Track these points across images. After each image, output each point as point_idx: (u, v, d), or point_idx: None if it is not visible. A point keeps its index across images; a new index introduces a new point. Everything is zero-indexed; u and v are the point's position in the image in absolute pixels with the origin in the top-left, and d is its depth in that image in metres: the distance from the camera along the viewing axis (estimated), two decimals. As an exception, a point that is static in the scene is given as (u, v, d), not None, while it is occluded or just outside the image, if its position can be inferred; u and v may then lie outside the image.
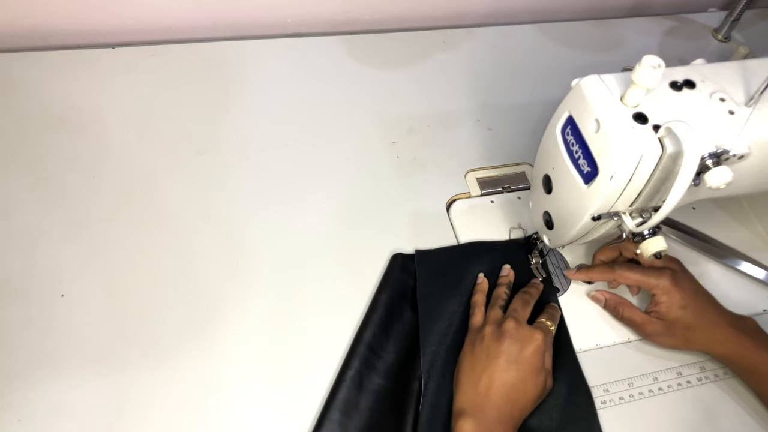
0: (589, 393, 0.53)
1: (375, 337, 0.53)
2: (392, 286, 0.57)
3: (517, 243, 0.63)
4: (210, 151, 0.67)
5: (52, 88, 0.70)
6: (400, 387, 0.52)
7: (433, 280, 0.58)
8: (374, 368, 0.52)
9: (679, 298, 0.53)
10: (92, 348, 0.52)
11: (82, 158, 0.64)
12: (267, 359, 0.53)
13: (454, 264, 0.59)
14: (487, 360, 0.49)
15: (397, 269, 0.58)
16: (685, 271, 0.56)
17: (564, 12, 0.94)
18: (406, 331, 0.55)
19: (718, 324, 0.53)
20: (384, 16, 0.87)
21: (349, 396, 0.50)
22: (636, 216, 0.47)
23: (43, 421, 0.48)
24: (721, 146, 0.43)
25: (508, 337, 0.49)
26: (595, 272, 0.58)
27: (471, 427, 0.45)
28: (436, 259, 0.60)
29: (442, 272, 0.58)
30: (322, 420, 0.49)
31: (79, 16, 0.75)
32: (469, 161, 0.70)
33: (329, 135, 0.71)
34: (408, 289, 0.57)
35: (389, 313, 0.55)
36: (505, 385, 0.47)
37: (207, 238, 0.60)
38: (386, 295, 0.56)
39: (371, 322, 0.54)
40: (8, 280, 0.54)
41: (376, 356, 0.52)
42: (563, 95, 0.48)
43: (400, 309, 0.56)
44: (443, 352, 0.53)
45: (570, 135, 0.46)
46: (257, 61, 0.77)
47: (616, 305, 0.57)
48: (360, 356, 0.52)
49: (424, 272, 0.58)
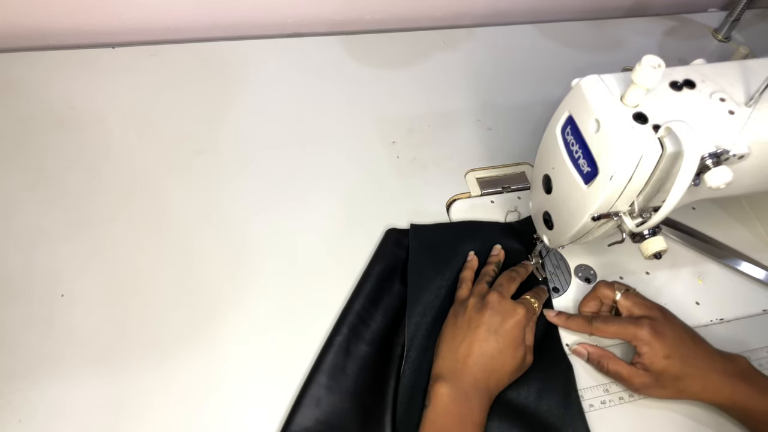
0: (570, 367, 0.54)
1: (364, 307, 0.55)
2: (385, 259, 0.59)
3: (511, 226, 0.64)
4: (210, 151, 0.67)
5: (52, 88, 0.70)
6: (385, 353, 0.54)
7: (425, 254, 0.59)
8: (361, 336, 0.53)
9: (662, 348, 0.50)
10: (92, 348, 0.52)
11: (82, 158, 0.64)
12: (267, 359, 0.53)
13: (447, 240, 0.61)
14: (468, 330, 0.50)
15: (391, 243, 0.60)
16: (667, 318, 0.53)
17: (564, 12, 0.94)
18: (394, 303, 0.56)
19: (708, 371, 0.50)
20: (384, 16, 0.87)
21: (336, 361, 0.52)
22: (636, 216, 0.47)
23: (43, 421, 0.48)
24: (721, 146, 0.43)
25: (489, 309, 0.50)
26: (574, 323, 0.55)
27: (447, 391, 0.47)
28: (429, 234, 0.61)
29: (435, 247, 0.60)
30: (309, 382, 0.50)
31: (79, 16, 0.75)
32: (469, 161, 0.70)
33: (329, 135, 0.71)
34: (400, 262, 0.59)
35: (380, 284, 0.57)
36: (483, 355, 0.49)
37: (207, 238, 0.60)
38: (379, 268, 0.58)
39: (362, 293, 0.56)
40: (8, 280, 0.55)
41: (364, 325, 0.54)
42: (563, 95, 0.48)
43: (391, 281, 0.58)
44: (428, 323, 0.55)
45: (570, 135, 0.46)
46: (257, 61, 0.77)
47: (599, 359, 0.54)
48: (349, 324, 0.54)
49: (416, 246, 0.60)
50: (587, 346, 0.55)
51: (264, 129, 0.70)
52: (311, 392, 0.50)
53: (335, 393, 0.50)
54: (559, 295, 0.60)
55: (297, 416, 0.49)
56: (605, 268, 0.62)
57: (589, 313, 0.56)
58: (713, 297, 0.61)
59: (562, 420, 0.51)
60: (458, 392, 0.47)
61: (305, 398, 0.50)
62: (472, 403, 0.47)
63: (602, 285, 0.56)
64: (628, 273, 0.62)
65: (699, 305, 0.61)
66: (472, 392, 0.47)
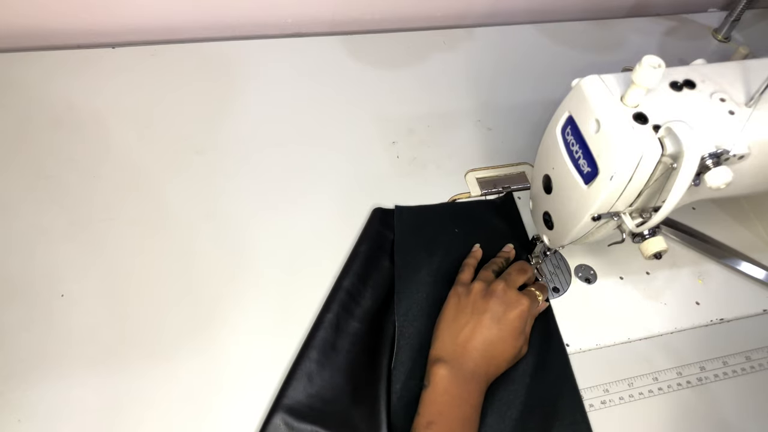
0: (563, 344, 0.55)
1: (353, 284, 0.56)
2: (371, 238, 0.60)
3: (492, 203, 0.66)
4: (210, 151, 0.67)
5: (52, 88, 0.70)
6: (375, 330, 0.55)
7: (412, 234, 0.61)
8: (351, 313, 0.55)
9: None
10: (92, 348, 0.52)
11: (82, 158, 0.64)
12: (267, 359, 0.53)
13: (432, 219, 0.63)
14: (472, 315, 0.50)
15: (377, 223, 0.61)
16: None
17: (564, 12, 0.94)
18: (383, 280, 0.58)
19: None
20: (384, 16, 0.87)
21: (326, 337, 0.53)
22: (636, 216, 0.47)
23: (43, 421, 0.48)
24: (721, 146, 0.43)
25: (495, 297, 0.51)
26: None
27: (446, 373, 0.47)
28: (414, 214, 0.63)
29: (420, 227, 0.61)
30: (300, 358, 0.51)
31: (79, 16, 0.75)
32: (469, 161, 0.70)
33: (329, 135, 0.71)
34: (386, 241, 0.60)
35: (368, 262, 0.58)
36: (484, 342, 0.49)
37: (207, 238, 0.60)
38: (366, 246, 0.59)
39: (351, 271, 0.57)
40: (8, 280, 0.54)
41: (354, 302, 0.55)
42: (563, 95, 0.48)
43: (378, 259, 0.59)
44: (422, 299, 0.56)
45: (570, 135, 0.46)
46: (257, 61, 0.77)
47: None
48: (339, 301, 0.55)
49: (401, 226, 0.61)
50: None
51: (264, 129, 0.70)
52: (303, 367, 0.51)
53: (326, 368, 0.51)
54: (559, 295, 0.60)
55: (289, 390, 0.50)
56: (605, 268, 0.62)
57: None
58: (713, 297, 0.61)
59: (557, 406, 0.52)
60: (458, 375, 0.48)
61: (297, 373, 0.51)
62: (470, 387, 0.48)
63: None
64: (628, 273, 0.62)
65: (699, 305, 0.61)
66: (471, 376, 0.48)
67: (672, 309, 0.60)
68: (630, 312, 0.59)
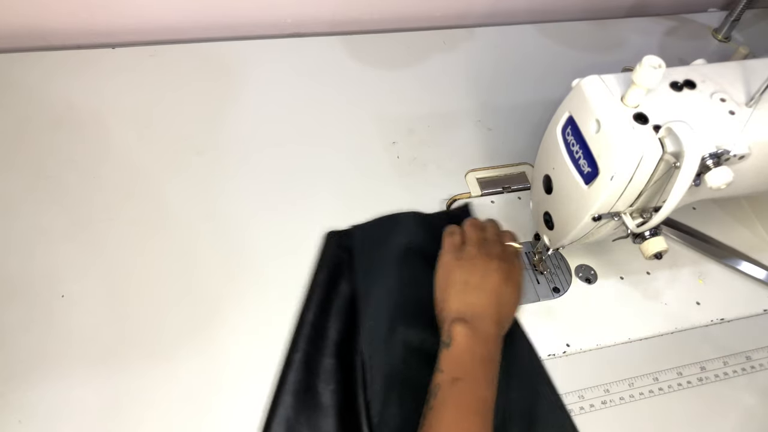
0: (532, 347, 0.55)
1: (316, 317, 0.54)
2: (328, 265, 0.58)
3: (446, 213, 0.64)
4: (210, 151, 0.67)
5: (52, 88, 0.70)
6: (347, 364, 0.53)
7: (368, 251, 0.59)
8: (320, 349, 0.53)
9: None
10: (92, 348, 0.52)
11: (82, 158, 0.64)
12: (267, 359, 0.53)
13: (387, 233, 0.60)
14: (483, 275, 0.51)
15: (333, 246, 0.60)
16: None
17: (564, 12, 0.94)
18: (346, 307, 0.56)
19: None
20: (384, 16, 0.87)
21: (299, 378, 0.51)
22: (636, 216, 0.47)
23: (43, 421, 0.48)
24: (721, 146, 0.43)
25: (498, 257, 0.53)
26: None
27: (466, 331, 0.48)
28: (369, 231, 0.61)
29: (376, 242, 0.60)
30: (275, 405, 0.49)
31: (79, 16, 0.75)
32: (469, 161, 0.70)
33: (329, 135, 0.71)
34: (344, 264, 0.59)
35: (329, 291, 0.56)
36: (498, 299, 0.51)
37: (207, 238, 0.60)
38: (324, 275, 0.57)
39: (312, 303, 0.55)
40: (8, 280, 0.54)
41: (320, 337, 0.53)
42: (563, 95, 0.48)
43: (337, 285, 0.57)
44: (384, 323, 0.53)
45: (570, 135, 0.46)
46: (257, 61, 0.77)
47: None
48: (305, 337, 0.53)
49: (359, 244, 0.59)
50: None
51: (264, 129, 0.70)
52: (279, 414, 0.49)
53: (302, 413, 0.49)
54: (559, 295, 0.60)
55: None
56: (605, 268, 0.62)
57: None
58: (713, 297, 0.61)
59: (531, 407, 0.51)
60: (476, 333, 0.48)
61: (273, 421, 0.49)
62: (489, 345, 0.48)
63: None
64: (628, 273, 0.62)
65: (699, 305, 0.61)
66: (486, 334, 0.49)
67: (672, 309, 0.60)
68: (630, 312, 0.59)
